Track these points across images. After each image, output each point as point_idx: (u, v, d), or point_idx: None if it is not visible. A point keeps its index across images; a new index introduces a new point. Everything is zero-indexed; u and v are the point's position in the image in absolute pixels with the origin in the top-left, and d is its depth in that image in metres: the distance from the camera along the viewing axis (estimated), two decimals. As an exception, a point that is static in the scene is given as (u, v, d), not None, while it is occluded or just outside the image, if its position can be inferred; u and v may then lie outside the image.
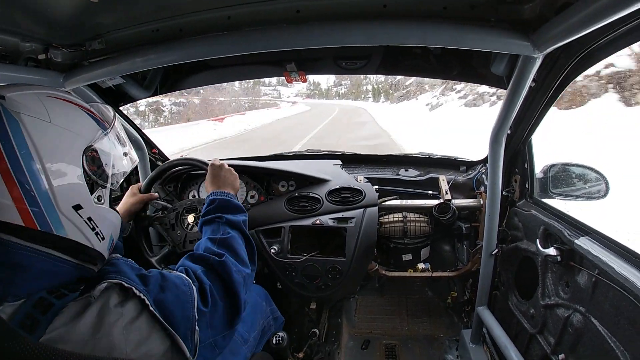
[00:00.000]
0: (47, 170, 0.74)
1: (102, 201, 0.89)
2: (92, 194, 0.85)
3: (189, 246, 1.79)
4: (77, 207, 0.80)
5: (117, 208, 1.60)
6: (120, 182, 0.99)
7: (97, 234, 0.85)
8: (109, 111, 0.97)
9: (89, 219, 0.83)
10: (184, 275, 0.95)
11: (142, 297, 0.77)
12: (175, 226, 1.81)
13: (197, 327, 0.87)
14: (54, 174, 0.76)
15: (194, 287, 0.92)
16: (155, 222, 1.85)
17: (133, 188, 1.78)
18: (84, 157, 0.83)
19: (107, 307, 0.72)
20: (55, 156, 0.77)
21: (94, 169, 0.85)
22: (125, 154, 1.01)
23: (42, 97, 0.80)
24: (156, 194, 1.80)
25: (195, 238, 1.78)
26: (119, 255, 0.88)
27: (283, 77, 1.77)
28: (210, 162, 1.58)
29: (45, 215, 0.74)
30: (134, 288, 0.77)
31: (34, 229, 0.73)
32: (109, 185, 0.92)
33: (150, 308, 0.77)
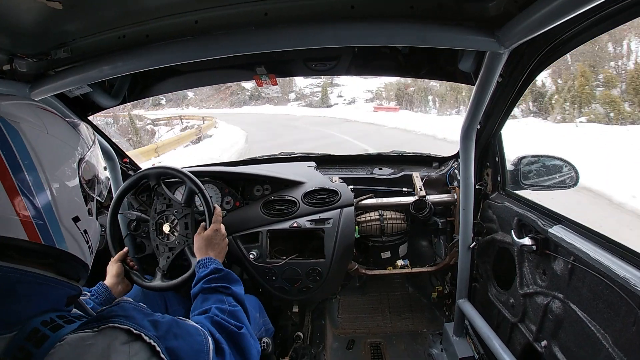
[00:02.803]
0: (49, 182, 0.74)
1: (92, 214, 0.89)
2: (86, 206, 0.85)
3: (165, 254, 1.73)
4: (76, 219, 0.80)
5: (108, 284, 1.57)
6: (106, 193, 1.00)
7: (89, 247, 0.85)
8: (84, 126, 0.95)
9: (85, 231, 0.83)
10: (199, 326, 0.92)
11: (153, 343, 0.72)
12: (152, 236, 1.76)
13: None
14: (56, 185, 0.75)
15: (209, 339, 0.90)
16: (132, 233, 1.80)
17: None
18: (80, 169, 0.83)
19: (113, 345, 0.67)
20: (57, 167, 0.77)
21: (87, 181, 0.86)
22: (105, 168, 1.02)
23: (34, 108, 0.79)
24: (126, 248, 1.73)
25: (174, 246, 1.73)
26: (130, 299, 0.84)
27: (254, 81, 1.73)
28: (215, 226, 1.57)
29: (49, 228, 0.73)
30: (143, 334, 0.72)
31: (39, 242, 0.72)
32: (96, 197, 0.91)
33: (162, 355, 0.72)
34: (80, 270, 0.84)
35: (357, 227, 2.24)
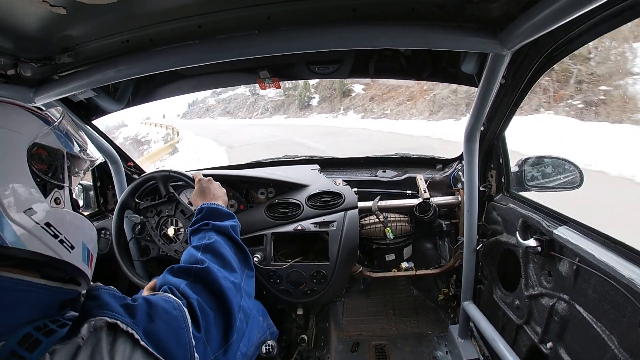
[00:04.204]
0: None
1: (61, 204, 0.79)
2: (46, 196, 0.76)
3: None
4: (30, 212, 0.71)
5: None
6: (78, 182, 0.91)
7: (61, 241, 0.75)
8: (56, 109, 0.88)
9: (47, 224, 0.73)
10: (171, 297, 0.86)
11: (131, 331, 0.69)
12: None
13: (196, 354, 0.79)
14: None
15: (184, 309, 0.84)
16: (136, 236, 1.80)
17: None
18: (29, 155, 0.74)
19: (97, 352, 0.64)
20: None
21: (44, 168, 0.77)
22: (81, 151, 0.90)
23: None
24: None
25: (181, 249, 1.74)
26: (99, 283, 0.78)
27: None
28: (198, 178, 1.54)
29: None
30: (119, 322, 0.68)
31: None
32: (66, 186, 0.82)
33: (142, 343, 0.69)
34: (67, 269, 0.77)
35: (388, 229, 2.25)
